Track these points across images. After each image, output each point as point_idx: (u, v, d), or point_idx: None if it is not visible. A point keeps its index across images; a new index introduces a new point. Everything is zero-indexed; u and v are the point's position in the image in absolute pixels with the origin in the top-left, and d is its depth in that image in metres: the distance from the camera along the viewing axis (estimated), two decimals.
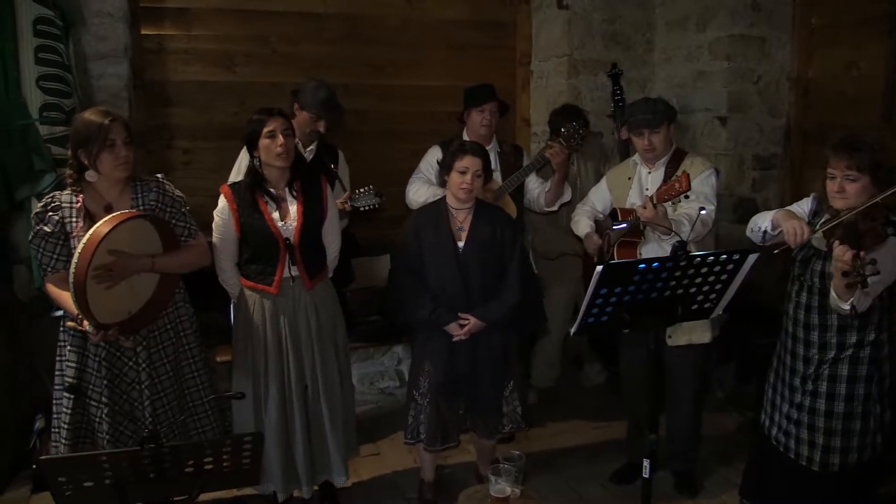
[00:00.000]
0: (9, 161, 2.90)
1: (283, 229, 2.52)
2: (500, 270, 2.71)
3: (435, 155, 3.17)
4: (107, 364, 2.32)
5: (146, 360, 2.36)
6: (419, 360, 2.78)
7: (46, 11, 3.01)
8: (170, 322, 2.44)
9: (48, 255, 2.26)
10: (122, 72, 3.33)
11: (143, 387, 2.36)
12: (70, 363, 2.32)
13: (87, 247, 2.02)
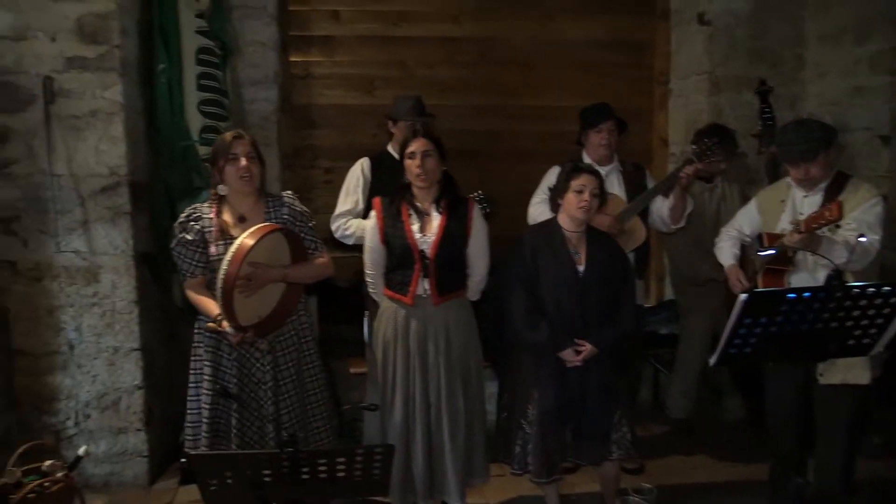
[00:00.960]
0: (172, 178, 3.19)
1: (419, 241, 2.59)
2: (614, 297, 2.65)
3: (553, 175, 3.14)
4: (237, 364, 2.48)
5: (272, 363, 2.49)
6: (525, 386, 2.70)
7: (208, 42, 3.31)
8: (293, 329, 2.58)
9: (188, 261, 2.46)
10: (272, 96, 3.58)
11: (268, 387, 2.49)
12: (207, 363, 2.49)
13: (235, 258, 2.18)
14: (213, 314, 2.36)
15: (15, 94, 2.92)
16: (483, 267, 2.74)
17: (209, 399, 2.47)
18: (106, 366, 3.09)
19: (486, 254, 2.74)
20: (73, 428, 3.13)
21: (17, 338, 3.05)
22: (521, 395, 2.71)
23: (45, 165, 2.94)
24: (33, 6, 2.89)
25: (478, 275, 2.74)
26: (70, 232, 3.00)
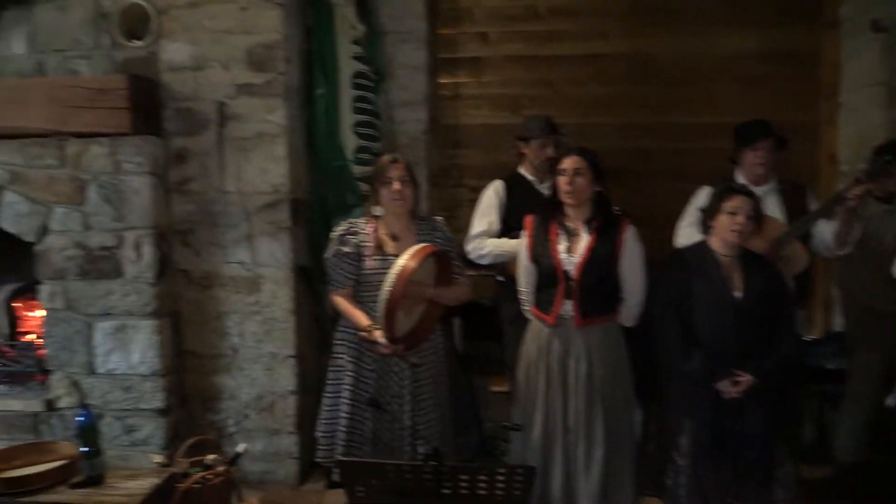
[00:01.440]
0: (328, 196, 3.37)
1: (565, 261, 2.56)
2: (774, 325, 2.46)
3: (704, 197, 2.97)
4: (377, 375, 2.57)
5: (410, 377, 2.56)
6: (676, 416, 2.56)
7: (363, 67, 3.48)
8: (432, 346, 2.64)
9: (341, 272, 2.58)
10: (421, 117, 3.70)
11: (405, 401, 2.55)
12: (349, 372, 2.60)
13: (401, 277, 2.29)
14: (362, 324, 2.47)
15: (193, 118, 3.21)
16: (638, 292, 2.63)
17: (349, 407, 2.57)
18: (264, 370, 3.30)
19: (642, 278, 2.62)
20: (234, 426, 3.36)
21: (188, 340, 3.34)
22: (672, 426, 2.57)
23: (217, 183, 3.20)
24: (211, 39, 3.18)
25: (632, 299, 2.63)
26: (236, 244, 3.24)
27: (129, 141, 3.08)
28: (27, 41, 3.31)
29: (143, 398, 3.22)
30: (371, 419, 2.55)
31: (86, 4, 3.26)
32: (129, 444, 3.24)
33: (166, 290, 3.24)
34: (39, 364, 3.37)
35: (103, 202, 3.13)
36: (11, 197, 3.19)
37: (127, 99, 2.99)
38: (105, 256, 3.16)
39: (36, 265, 3.23)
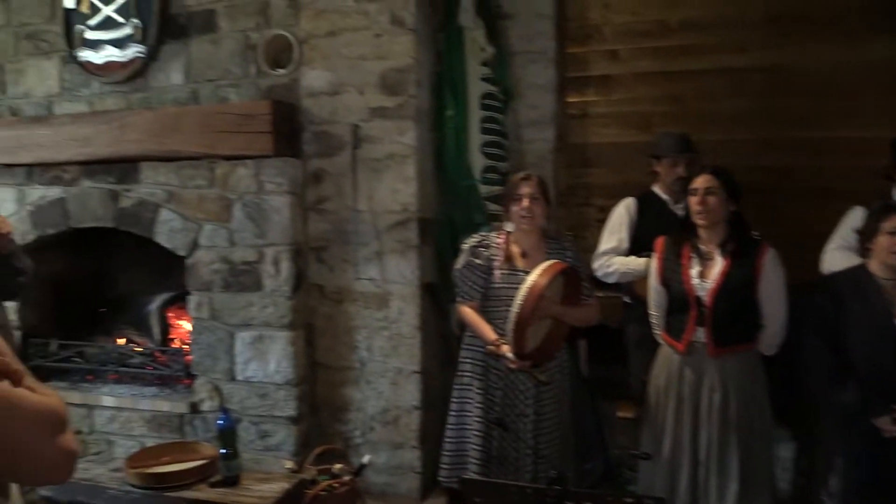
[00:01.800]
0: (455, 215, 3.42)
1: (696, 287, 2.45)
2: None
3: (856, 218, 2.74)
4: (503, 393, 2.56)
5: (534, 396, 2.54)
6: (827, 453, 2.38)
7: (491, 88, 3.52)
8: (556, 365, 2.59)
9: (469, 284, 2.60)
10: (549, 136, 3.68)
11: (529, 420, 2.53)
12: (478, 390, 2.60)
13: (532, 293, 2.29)
14: (489, 338, 2.48)
15: (329, 141, 3.36)
16: (779, 319, 2.47)
17: (477, 425, 2.58)
18: (390, 384, 3.38)
19: (783, 304, 2.47)
20: (360, 438, 3.45)
21: (319, 352, 3.48)
22: (822, 464, 2.39)
23: (350, 202, 3.33)
24: (347, 66, 3.32)
25: (772, 327, 2.48)
26: (367, 262, 3.35)
27: (271, 162, 3.28)
28: (184, 72, 3.61)
29: (277, 406, 3.39)
30: (497, 438, 2.55)
31: (236, 37, 3.51)
32: (262, 449, 3.41)
33: (301, 303, 3.40)
34: (186, 369, 3.63)
35: (247, 220, 3.34)
36: (167, 214, 3.48)
37: (270, 123, 3.18)
38: (247, 270, 3.37)
39: (186, 277, 3.50)
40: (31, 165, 3.70)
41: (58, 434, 0.96)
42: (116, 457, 3.57)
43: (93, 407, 3.68)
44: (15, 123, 3.71)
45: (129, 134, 3.41)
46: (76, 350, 3.89)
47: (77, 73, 3.79)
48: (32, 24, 3.90)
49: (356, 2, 3.29)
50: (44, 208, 3.72)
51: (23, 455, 0.93)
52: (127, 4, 3.60)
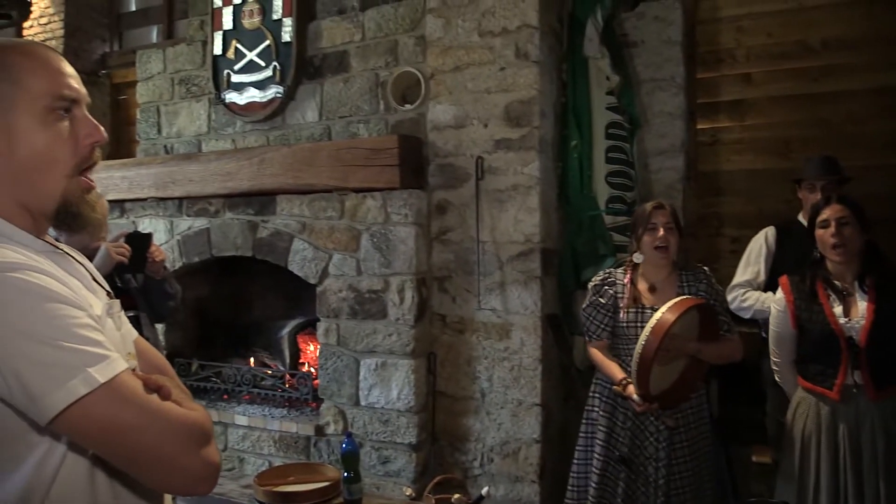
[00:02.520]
0: (579, 246, 3.37)
1: (846, 327, 2.25)
2: None
3: None
4: (631, 434, 2.45)
5: (667, 439, 2.39)
6: None
7: (617, 117, 3.46)
8: (691, 407, 2.44)
9: (596, 323, 2.52)
10: (678, 164, 3.56)
11: (661, 465, 2.39)
12: (602, 427, 2.51)
13: (657, 330, 2.19)
14: (616, 378, 2.40)
15: (454, 173, 3.42)
16: None
17: (600, 463, 2.49)
18: (510, 416, 3.34)
19: None
20: (479, 469, 3.43)
21: (441, 381, 3.50)
22: None
23: (474, 233, 3.35)
24: (472, 99, 3.38)
25: None
26: (489, 292, 3.36)
27: (397, 194, 3.38)
28: (318, 110, 3.82)
29: (398, 432, 3.43)
30: (623, 479, 2.45)
31: (366, 76, 3.68)
32: (383, 474, 3.47)
33: (424, 332, 3.45)
34: (313, 392, 3.77)
35: (374, 249, 3.45)
36: (299, 244, 3.66)
37: (397, 157, 3.29)
38: (373, 299, 3.46)
39: (316, 304, 3.65)
40: (181, 199, 4.02)
41: (202, 447, 1.00)
42: (247, 473, 3.76)
43: (227, 425, 3.89)
44: (168, 161, 4.05)
45: (267, 169, 3.63)
46: (215, 370, 4.15)
47: (223, 113, 4.10)
48: (185, 70, 4.28)
49: (481, 37, 3.35)
50: (190, 238, 4.03)
51: (167, 465, 0.97)
52: (268, 49, 3.86)
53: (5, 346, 0.87)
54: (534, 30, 3.26)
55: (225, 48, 4.01)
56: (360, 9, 3.74)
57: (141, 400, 0.94)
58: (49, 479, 0.96)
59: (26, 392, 0.88)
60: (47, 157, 1.00)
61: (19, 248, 0.96)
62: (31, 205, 1.01)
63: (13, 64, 0.98)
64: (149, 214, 4.16)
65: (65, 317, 0.91)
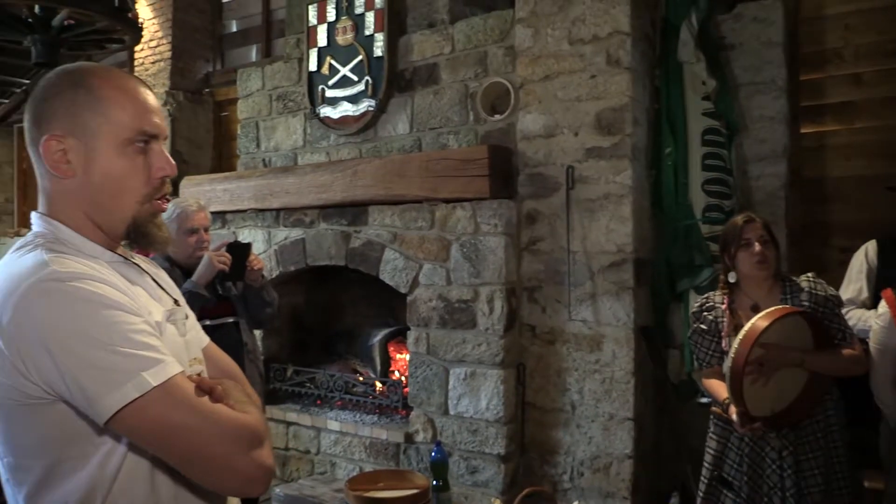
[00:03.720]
0: (673, 256, 3.27)
1: None
2: None
3: None
4: (748, 460, 2.30)
5: (791, 465, 2.24)
6: None
7: (714, 123, 3.34)
8: (819, 430, 2.28)
9: (703, 350, 2.43)
10: (780, 171, 3.39)
11: (788, 494, 2.23)
12: (710, 450, 2.40)
13: (746, 339, 2.08)
14: (720, 397, 2.29)
15: (544, 182, 3.40)
16: None
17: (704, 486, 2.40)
18: (601, 430, 3.27)
19: None
20: (568, 482, 3.37)
21: (530, 392, 3.47)
22: None
23: (564, 243, 3.32)
24: (562, 108, 3.35)
25: None
26: (580, 303, 3.31)
27: (487, 204, 3.39)
28: (409, 122, 3.89)
29: (487, 442, 3.43)
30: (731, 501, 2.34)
31: (456, 87, 3.72)
32: (471, 484, 3.46)
33: (513, 342, 3.44)
34: (403, 400, 3.82)
35: (463, 259, 3.47)
36: (391, 254, 3.72)
37: (487, 167, 3.30)
38: (462, 308, 3.48)
39: (406, 313, 3.70)
40: (278, 210, 4.18)
41: (253, 449, 1.03)
42: (338, 478, 3.84)
43: (320, 430, 4.00)
44: (266, 173, 4.22)
45: (359, 180, 3.73)
46: (308, 376, 4.27)
47: (317, 127, 4.24)
48: (283, 87, 4.46)
49: (571, 45, 3.33)
50: (287, 248, 4.18)
51: (218, 466, 1.00)
52: (360, 64, 3.97)
53: (65, 351, 0.93)
54: (625, 36, 3.20)
55: (320, 64, 4.15)
56: (450, 22, 3.79)
57: (192, 402, 0.98)
58: (111, 478, 1.01)
59: (84, 394, 0.93)
60: (121, 185, 1.07)
61: (84, 259, 1.03)
62: (103, 225, 1.09)
63: (104, 96, 1.06)
64: (248, 225, 4.35)
65: (121, 323, 0.96)
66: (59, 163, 1.05)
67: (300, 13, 4.29)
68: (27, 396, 0.95)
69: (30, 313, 0.93)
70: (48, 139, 1.04)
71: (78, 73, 1.08)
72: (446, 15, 3.82)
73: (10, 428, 1.00)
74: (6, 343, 0.94)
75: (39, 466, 0.99)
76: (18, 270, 0.98)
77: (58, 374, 0.93)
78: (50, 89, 1.06)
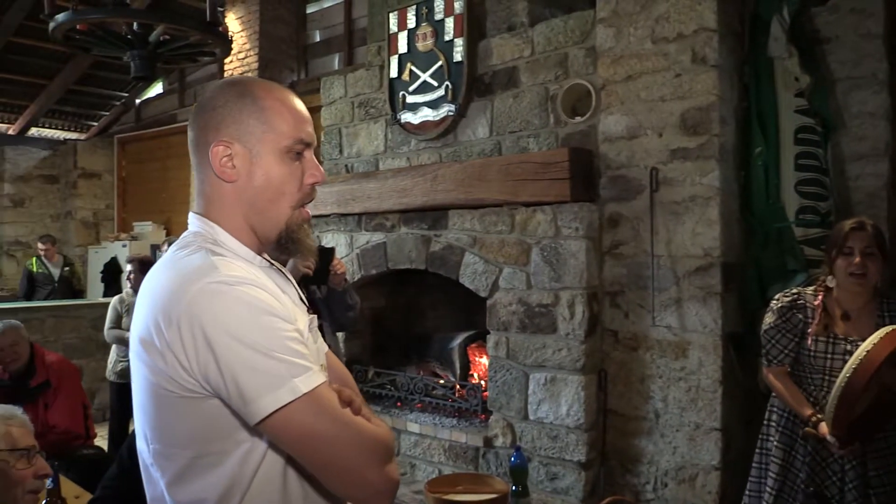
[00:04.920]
0: (764, 260, 3.13)
1: None
2: None
3: None
4: (808, 469, 2.22)
5: (854, 479, 2.14)
6: None
7: (808, 120, 3.18)
8: (888, 446, 2.16)
9: (778, 347, 2.32)
10: (882, 170, 3.20)
11: None
12: (776, 459, 2.31)
13: (864, 368, 1.97)
14: (804, 414, 2.18)
15: (627, 185, 3.33)
16: None
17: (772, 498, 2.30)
18: (686, 440, 3.17)
19: None
20: (651, 493, 3.29)
21: (611, 399, 3.41)
22: None
23: (648, 247, 3.24)
24: (645, 108, 3.28)
25: None
26: (664, 308, 3.22)
27: (568, 208, 3.36)
28: (488, 126, 3.90)
29: (567, 449, 3.38)
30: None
31: (535, 90, 3.70)
32: (550, 491, 3.43)
33: (594, 348, 3.38)
34: (482, 404, 3.82)
35: (544, 263, 3.44)
36: (470, 258, 3.74)
37: (568, 170, 3.27)
38: (542, 313, 3.45)
39: (486, 317, 3.70)
40: (360, 214, 4.27)
41: (385, 463, 1.06)
42: (417, 479, 3.88)
43: (400, 431, 4.05)
44: (349, 179, 4.32)
45: (440, 185, 3.76)
46: (389, 378, 4.34)
47: (398, 132, 4.31)
48: (364, 93, 4.55)
49: (654, 44, 3.25)
50: (368, 251, 4.26)
51: (351, 475, 1.03)
52: (441, 69, 4.01)
53: (228, 351, 0.98)
54: (712, 33, 3.10)
55: (400, 71, 4.21)
56: (529, 24, 3.77)
57: (336, 412, 1.02)
58: (251, 474, 1.05)
59: (241, 394, 0.98)
60: (279, 190, 1.14)
61: (243, 264, 1.08)
62: (258, 228, 1.15)
63: (267, 107, 1.13)
64: (332, 229, 4.46)
65: (278, 329, 1.01)
66: (224, 167, 1.11)
67: (381, 21, 4.37)
68: (183, 389, 1.01)
69: (198, 312, 0.99)
70: (216, 144, 1.11)
71: (242, 85, 1.15)
72: (526, 18, 3.81)
73: (161, 417, 1.06)
74: (171, 337, 1.00)
75: (183, 457, 1.05)
76: (186, 270, 1.04)
77: (218, 372, 0.98)
78: (218, 99, 1.14)
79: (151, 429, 1.08)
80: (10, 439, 1.72)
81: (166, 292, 1.02)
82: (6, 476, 1.68)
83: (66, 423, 3.32)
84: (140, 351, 1.05)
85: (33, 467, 1.75)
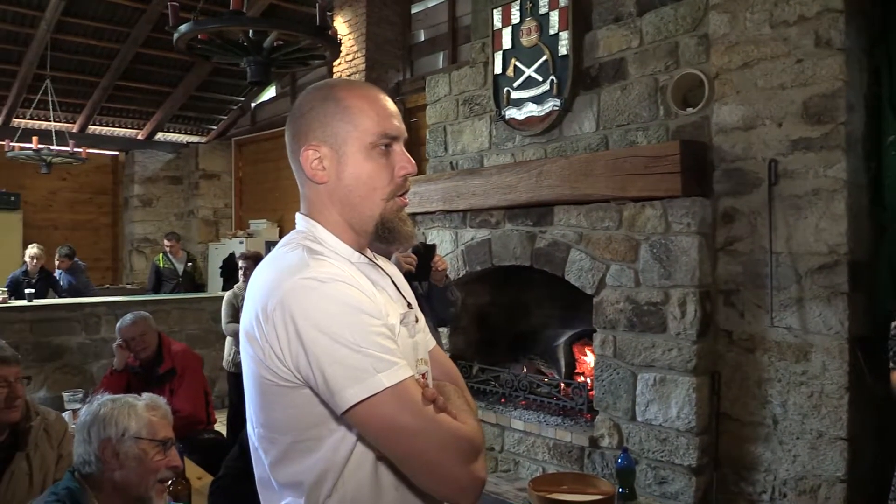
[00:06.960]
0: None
1: None
2: None
3: None
4: None
5: None
6: None
7: None
8: None
9: None
10: None
11: None
12: None
13: None
14: None
15: (742, 178, 3.18)
16: None
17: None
18: (808, 449, 2.99)
19: None
20: (769, 502, 3.12)
21: (725, 402, 3.26)
22: None
23: (766, 243, 3.08)
24: (763, 97, 3.11)
25: None
26: (784, 308, 3.05)
27: (679, 203, 3.24)
28: (595, 120, 3.82)
29: (677, 453, 3.27)
30: None
31: (644, 81, 3.59)
32: (659, 495, 3.32)
33: (707, 348, 3.25)
34: (588, 403, 3.76)
35: (653, 260, 3.34)
36: (576, 255, 3.68)
37: (678, 164, 3.15)
38: (651, 311, 3.35)
39: (592, 315, 3.64)
40: (465, 211, 4.30)
41: (469, 460, 1.07)
42: (521, 477, 3.87)
43: (504, 428, 4.05)
44: (454, 176, 4.35)
45: (545, 180, 3.72)
46: (493, 374, 4.35)
47: (503, 129, 4.30)
48: (469, 91, 4.57)
49: (773, 28, 3.08)
50: (473, 248, 4.28)
51: (434, 471, 1.06)
52: (545, 64, 3.97)
53: (317, 345, 1.03)
54: (838, 14, 2.90)
55: (504, 67, 4.21)
56: (638, 14, 3.66)
57: (418, 407, 1.04)
58: (342, 462, 1.10)
59: (327, 385, 1.03)
60: (369, 185, 1.17)
61: (338, 262, 1.13)
62: (354, 224, 1.19)
63: (351, 106, 1.16)
64: (437, 226, 4.51)
65: (365, 325, 1.05)
66: (315, 170, 1.17)
67: (485, 18, 4.38)
68: (280, 379, 1.08)
69: (291, 306, 1.05)
70: (306, 149, 1.17)
71: (326, 89, 1.20)
72: (633, 7, 3.70)
73: (263, 404, 1.13)
74: (268, 329, 1.07)
75: (283, 441, 1.12)
76: (283, 267, 1.10)
77: (307, 364, 1.04)
78: (305, 105, 1.19)
79: (256, 414, 1.15)
80: (152, 429, 1.84)
81: (265, 288, 1.09)
82: (143, 464, 1.80)
83: (189, 409, 3.54)
84: (245, 343, 1.12)
85: (167, 458, 1.86)
